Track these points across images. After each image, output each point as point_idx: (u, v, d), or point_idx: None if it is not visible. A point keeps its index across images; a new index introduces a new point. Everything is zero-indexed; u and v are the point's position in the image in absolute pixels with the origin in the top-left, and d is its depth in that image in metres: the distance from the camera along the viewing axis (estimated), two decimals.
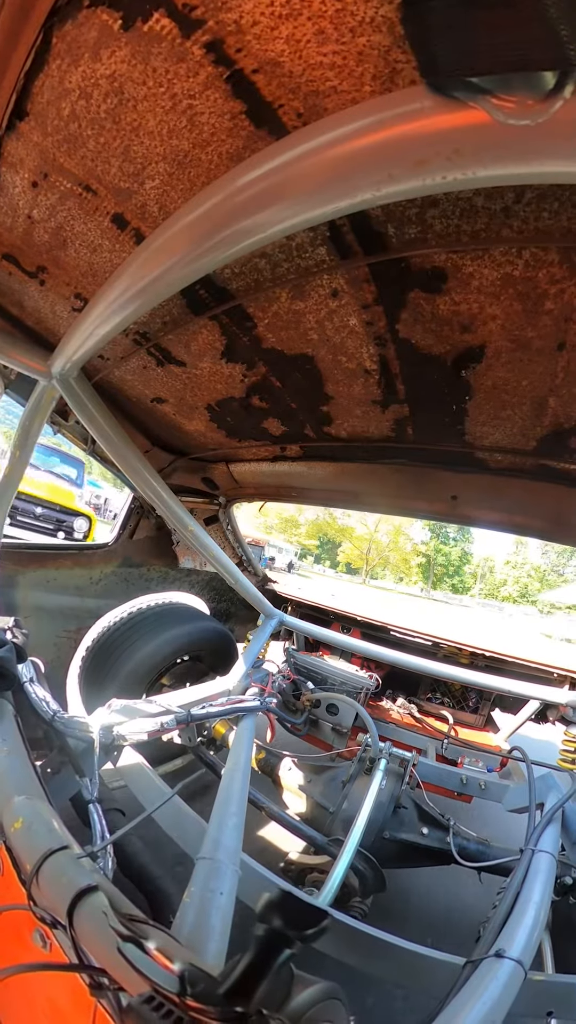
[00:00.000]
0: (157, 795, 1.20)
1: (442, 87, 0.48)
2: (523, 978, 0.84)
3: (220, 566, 2.35)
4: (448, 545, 37.47)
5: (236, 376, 1.44)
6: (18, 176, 0.85)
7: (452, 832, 1.66)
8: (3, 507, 1.58)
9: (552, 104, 0.44)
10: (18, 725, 1.01)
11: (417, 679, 2.88)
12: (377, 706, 2.67)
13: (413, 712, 2.62)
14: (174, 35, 0.54)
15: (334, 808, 1.67)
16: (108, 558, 2.55)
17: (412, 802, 1.74)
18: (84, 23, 0.55)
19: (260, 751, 1.93)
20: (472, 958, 0.91)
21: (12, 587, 2.08)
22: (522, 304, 0.84)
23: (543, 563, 36.75)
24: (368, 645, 2.69)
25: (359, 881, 1.42)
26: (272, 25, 0.50)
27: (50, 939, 0.61)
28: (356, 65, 0.53)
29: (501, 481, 1.46)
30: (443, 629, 2.75)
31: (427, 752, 2.32)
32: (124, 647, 2.16)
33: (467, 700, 2.87)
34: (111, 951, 0.53)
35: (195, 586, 3.11)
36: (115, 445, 1.70)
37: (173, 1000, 0.47)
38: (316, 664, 2.64)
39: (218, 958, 0.72)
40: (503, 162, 0.51)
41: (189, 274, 0.80)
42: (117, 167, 0.77)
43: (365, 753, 1.86)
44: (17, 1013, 0.63)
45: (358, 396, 1.36)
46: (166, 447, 2.29)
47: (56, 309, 1.32)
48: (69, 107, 0.68)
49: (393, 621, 2.86)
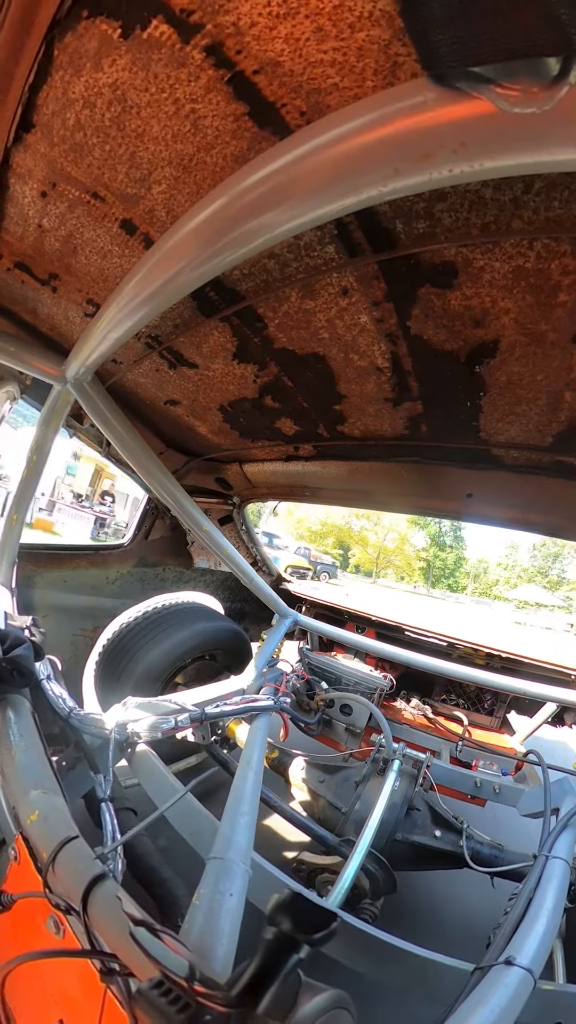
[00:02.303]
0: (170, 793, 1.21)
1: (444, 78, 0.47)
2: (532, 987, 0.83)
3: (234, 566, 2.37)
4: (445, 551, 43.62)
5: (248, 377, 1.45)
6: (27, 187, 0.87)
7: (465, 835, 1.64)
8: (23, 508, 1.62)
9: (558, 91, 0.42)
10: (35, 721, 1.04)
11: (432, 680, 2.85)
12: (391, 707, 2.64)
13: (427, 713, 2.58)
14: (173, 41, 0.54)
15: (346, 808, 1.66)
16: (124, 558, 2.59)
17: (425, 804, 1.72)
18: (84, 34, 0.56)
19: (273, 750, 1.93)
20: (481, 964, 0.89)
21: (30, 587, 2.12)
22: (535, 297, 0.82)
23: (531, 565, 41.87)
24: (382, 645, 2.67)
25: (370, 883, 1.41)
26: (270, 25, 0.50)
27: (64, 925, 0.63)
28: (356, 61, 0.53)
29: (517, 478, 1.43)
30: (430, 619, 2.72)
31: (441, 754, 2.28)
32: (139, 646, 2.19)
33: (482, 702, 2.81)
34: (122, 937, 0.54)
35: (210, 586, 3.13)
36: (130, 447, 1.73)
37: (181, 986, 0.48)
38: (330, 664, 2.63)
39: (226, 962, 0.73)
40: (510, 152, 0.50)
41: (198, 277, 0.80)
42: (124, 174, 0.78)
43: (379, 754, 1.84)
44: (28, 999, 0.65)
45: (371, 394, 1.35)
46: (180, 448, 2.31)
47: (69, 315, 1.34)
48: (74, 117, 0.69)
49: (408, 621, 2.83)
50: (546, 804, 1.53)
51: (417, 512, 2.18)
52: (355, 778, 1.79)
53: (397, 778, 1.69)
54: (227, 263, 0.76)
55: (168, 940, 0.56)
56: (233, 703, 1.79)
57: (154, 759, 1.36)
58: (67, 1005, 0.59)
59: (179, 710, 1.52)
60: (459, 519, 1.93)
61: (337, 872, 1.36)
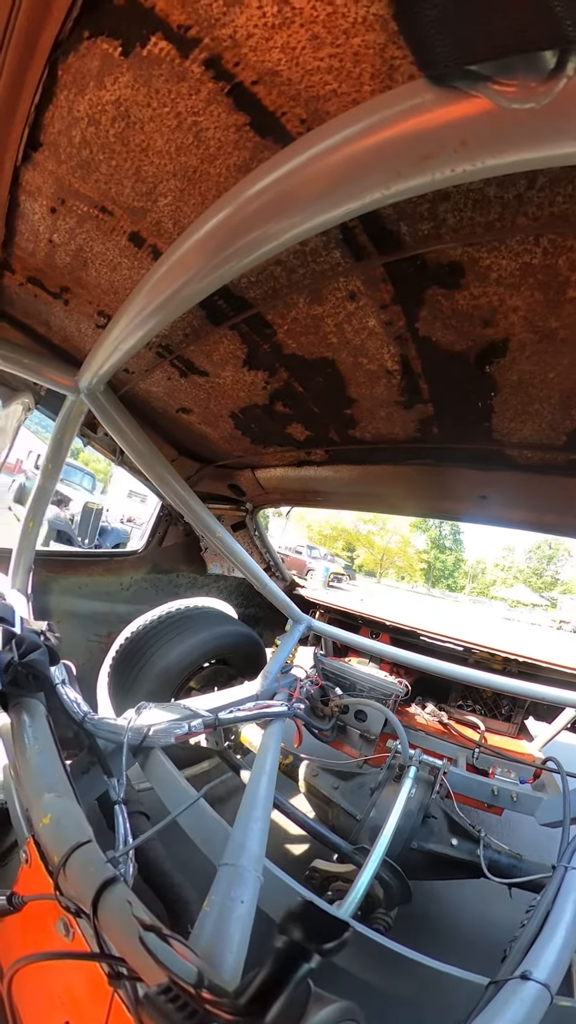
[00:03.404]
0: (182, 798, 1.21)
1: (441, 79, 0.47)
2: (549, 1002, 0.79)
3: (248, 571, 2.37)
4: (445, 553, 46.69)
5: (258, 383, 1.46)
6: (37, 203, 0.90)
7: (482, 845, 1.60)
8: (39, 516, 1.66)
9: (556, 84, 0.42)
10: (50, 725, 1.05)
11: (448, 685, 2.79)
12: (406, 713, 2.59)
13: (443, 719, 2.53)
14: (173, 56, 0.55)
15: (361, 816, 1.64)
16: (138, 565, 2.62)
17: (442, 812, 1.68)
18: (86, 54, 0.58)
19: (287, 756, 1.92)
20: (496, 978, 0.86)
21: (46, 593, 2.16)
22: (544, 294, 0.81)
23: (526, 567, 45.14)
24: (397, 650, 2.63)
25: (384, 892, 1.39)
26: (266, 36, 0.51)
27: (73, 928, 0.63)
28: (353, 66, 0.53)
29: (532, 478, 1.40)
30: (430, 616, 2.67)
31: (458, 761, 2.23)
32: (153, 651, 2.21)
33: (499, 707, 2.74)
34: (131, 942, 0.54)
35: (223, 591, 3.14)
36: (143, 455, 1.76)
37: (189, 992, 0.47)
38: (344, 669, 2.60)
39: (235, 970, 0.72)
40: (511, 148, 0.49)
41: (206, 286, 0.81)
42: (130, 187, 0.80)
43: (395, 760, 1.81)
44: (35, 1001, 0.66)
45: (381, 397, 1.34)
46: (192, 455, 2.34)
47: (81, 327, 1.38)
48: (80, 134, 0.71)
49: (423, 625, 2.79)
50: (565, 813, 1.48)
51: (431, 515, 2.16)
52: (370, 785, 1.76)
53: (413, 785, 1.66)
54: (234, 272, 0.77)
55: (177, 946, 0.56)
56: (247, 709, 1.79)
57: (167, 764, 1.36)
58: (74, 1007, 0.59)
59: (192, 715, 1.52)
60: (474, 521, 1.89)
61: (350, 880, 1.34)
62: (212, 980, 0.51)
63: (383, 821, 1.47)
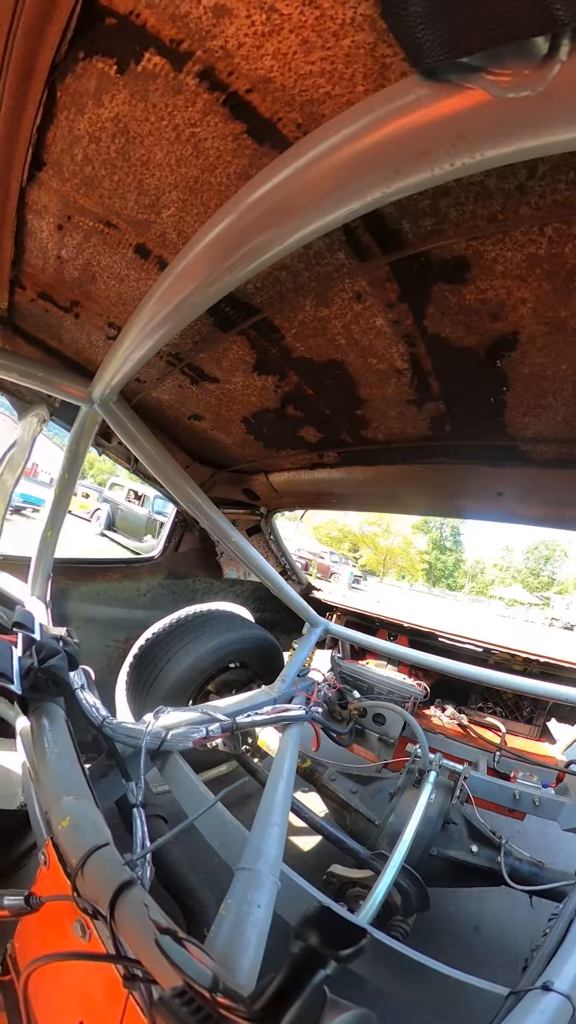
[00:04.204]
0: (200, 801, 1.21)
1: (434, 73, 0.47)
2: (571, 1014, 0.76)
3: (263, 576, 2.38)
4: (445, 553, 48.53)
5: (269, 388, 1.46)
6: (44, 221, 0.93)
7: (503, 851, 1.55)
8: (56, 525, 1.70)
9: (549, 70, 0.41)
10: (69, 729, 1.07)
11: (467, 687, 2.74)
12: (425, 715, 2.55)
13: (463, 722, 2.47)
14: (167, 70, 0.57)
15: (380, 821, 1.61)
16: (154, 571, 2.66)
17: (462, 817, 1.64)
18: (83, 74, 0.60)
19: (305, 760, 1.90)
20: (517, 989, 0.83)
21: (65, 599, 2.22)
22: (551, 284, 0.79)
23: (524, 567, 47.03)
24: (415, 652, 2.59)
25: (402, 899, 1.36)
26: (257, 44, 0.52)
27: (90, 929, 0.64)
28: (345, 67, 0.53)
29: (548, 473, 1.36)
30: (429, 613, 2.61)
31: (478, 765, 2.17)
32: (170, 656, 2.23)
33: (521, 709, 2.67)
34: (147, 944, 0.55)
35: (240, 596, 3.16)
36: (157, 463, 1.78)
37: (204, 996, 0.47)
38: (362, 672, 2.58)
39: (251, 975, 0.71)
40: (509, 138, 0.49)
41: (213, 294, 0.83)
42: (133, 201, 0.82)
43: (414, 764, 1.78)
44: (50, 1000, 0.67)
45: (392, 397, 1.33)
46: (206, 461, 2.36)
47: (92, 339, 1.41)
48: (82, 152, 0.73)
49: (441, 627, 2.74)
50: None
51: (447, 514, 2.12)
52: (389, 790, 1.74)
53: (433, 790, 1.63)
54: (240, 278, 0.77)
55: (193, 949, 0.56)
56: (264, 713, 1.78)
57: (185, 768, 1.37)
58: (88, 1008, 0.60)
59: (210, 719, 1.53)
60: (491, 519, 1.85)
61: (368, 886, 1.32)
62: (227, 984, 0.51)
63: (402, 827, 1.45)
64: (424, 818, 1.50)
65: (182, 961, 0.53)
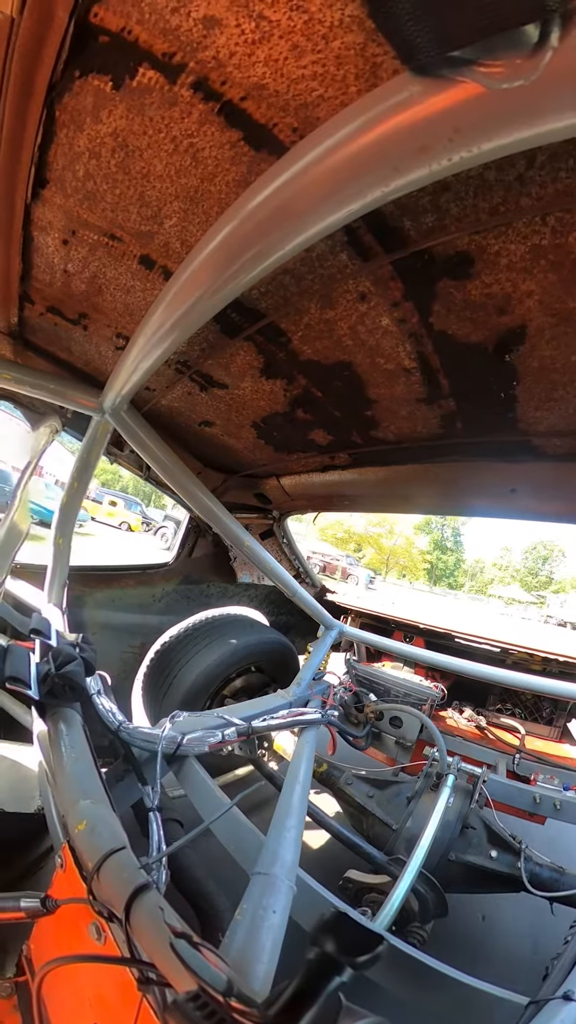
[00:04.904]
0: (216, 806, 1.21)
1: (426, 69, 0.47)
2: None
3: (277, 579, 2.38)
4: (446, 554, 50.25)
5: (277, 392, 1.47)
6: (49, 237, 0.96)
7: (523, 856, 1.51)
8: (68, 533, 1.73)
9: (542, 57, 0.40)
10: (86, 734, 1.09)
11: (485, 689, 2.68)
12: (442, 718, 2.50)
13: (481, 724, 2.42)
14: (161, 83, 0.58)
15: (397, 826, 1.59)
16: (169, 577, 2.69)
17: (481, 822, 1.60)
18: (80, 92, 0.61)
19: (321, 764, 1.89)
20: (537, 998, 0.81)
21: (81, 606, 2.25)
22: (557, 274, 0.78)
23: (522, 566, 48.68)
24: (431, 654, 2.55)
25: (419, 905, 1.34)
26: (248, 52, 0.52)
27: (105, 932, 0.65)
28: (337, 69, 0.53)
29: (562, 467, 1.33)
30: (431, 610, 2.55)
31: (497, 768, 2.12)
32: (186, 661, 2.24)
33: (540, 710, 2.59)
34: (162, 948, 0.55)
35: (254, 600, 3.16)
36: (169, 470, 1.80)
37: (218, 1000, 0.47)
38: (378, 675, 2.55)
39: (265, 980, 0.71)
40: (506, 129, 0.48)
41: (218, 301, 0.83)
42: (136, 213, 0.84)
43: (432, 768, 1.75)
44: (64, 1001, 0.67)
45: (401, 396, 1.32)
46: (217, 467, 2.38)
47: (101, 350, 1.44)
48: (83, 168, 0.75)
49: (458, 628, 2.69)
50: None
51: (460, 513, 2.10)
52: (407, 794, 1.71)
53: (451, 794, 1.60)
54: (244, 284, 0.78)
55: (208, 954, 0.56)
56: (280, 717, 1.78)
57: (201, 772, 1.37)
58: (102, 1009, 0.61)
59: (226, 724, 1.53)
60: (505, 516, 1.82)
61: (385, 892, 1.30)
62: (241, 989, 0.51)
63: (420, 831, 1.43)
64: (442, 822, 1.47)
65: (196, 965, 0.53)
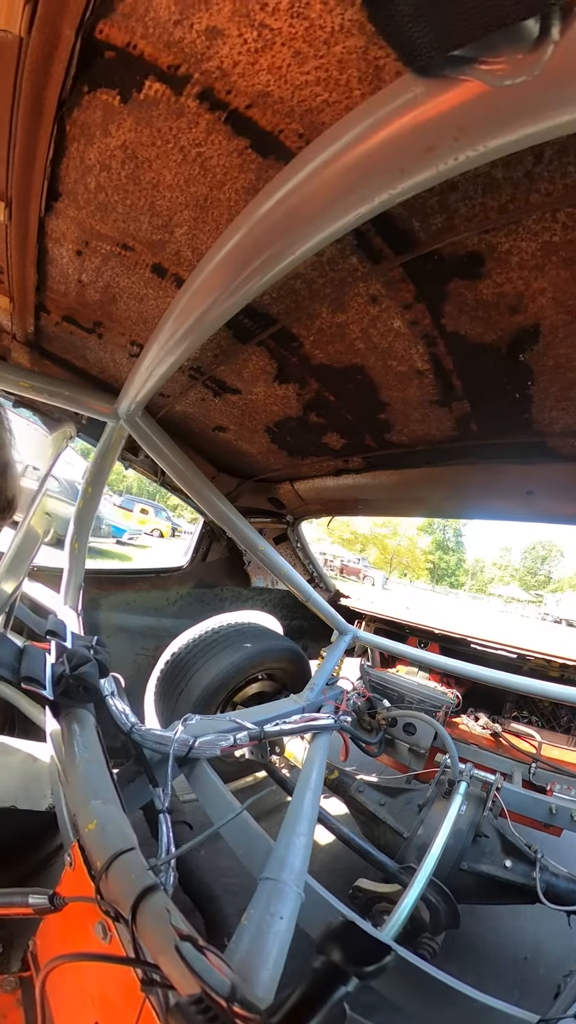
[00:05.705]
0: (226, 809, 1.20)
1: (428, 69, 0.47)
2: None
3: (291, 584, 2.37)
4: (448, 554, 52.09)
5: (290, 396, 1.47)
6: (63, 248, 0.99)
7: (539, 867, 1.46)
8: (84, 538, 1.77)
9: (543, 52, 0.40)
10: (98, 735, 1.09)
11: (502, 696, 2.61)
12: (457, 725, 2.45)
13: (496, 731, 2.35)
14: (168, 95, 0.59)
15: (408, 833, 1.55)
16: (183, 580, 2.71)
17: (495, 831, 1.56)
18: (88, 106, 0.63)
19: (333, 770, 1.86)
20: (548, 1016, 0.78)
21: (95, 609, 2.29)
22: (569, 271, 0.76)
23: (521, 566, 49.98)
24: (446, 659, 2.49)
25: (430, 915, 1.30)
26: (251, 61, 0.53)
27: (111, 932, 0.65)
28: (340, 74, 0.54)
29: None
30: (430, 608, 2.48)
31: (513, 776, 2.06)
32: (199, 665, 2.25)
33: (559, 718, 2.51)
34: (167, 950, 0.55)
35: (268, 604, 3.16)
36: (183, 475, 1.83)
37: (220, 1005, 0.47)
38: (392, 680, 2.51)
39: (270, 987, 0.70)
40: (511, 126, 0.48)
41: (230, 307, 0.84)
42: (147, 222, 0.86)
43: (444, 775, 1.71)
44: (67, 999, 0.68)
45: (414, 399, 1.31)
46: (231, 472, 2.40)
47: (115, 357, 1.47)
48: (94, 180, 0.77)
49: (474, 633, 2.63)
50: None
51: (476, 516, 2.06)
52: (418, 801, 1.68)
53: (464, 802, 1.56)
54: (255, 290, 0.79)
55: (212, 958, 0.56)
56: (293, 722, 1.76)
57: (212, 776, 1.37)
58: (105, 1009, 0.61)
59: (238, 728, 1.53)
60: (522, 519, 1.78)
61: (395, 901, 1.27)
62: (245, 995, 0.50)
63: (431, 839, 1.39)
64: (454, 831, 1.43)
65: (201, 969, 0.52)
